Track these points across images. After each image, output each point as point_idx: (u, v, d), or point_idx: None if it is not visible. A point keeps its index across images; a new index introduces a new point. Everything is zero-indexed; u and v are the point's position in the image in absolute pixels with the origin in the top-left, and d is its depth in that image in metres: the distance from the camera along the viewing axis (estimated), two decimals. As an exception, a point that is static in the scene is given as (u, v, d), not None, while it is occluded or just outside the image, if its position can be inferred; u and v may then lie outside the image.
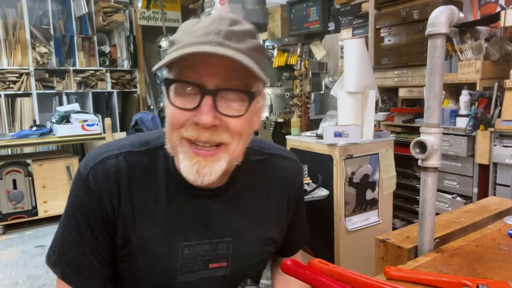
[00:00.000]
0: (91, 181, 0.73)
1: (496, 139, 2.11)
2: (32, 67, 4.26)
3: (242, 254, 0.80)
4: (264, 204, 0.83)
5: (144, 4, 5.02)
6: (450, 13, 0.87)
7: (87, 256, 0.75)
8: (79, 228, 0.74)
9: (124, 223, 0.74)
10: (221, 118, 0.66)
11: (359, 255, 2.13)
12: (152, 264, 0.75)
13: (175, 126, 0.67)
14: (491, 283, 0.74)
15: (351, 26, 3.30)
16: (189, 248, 0.76)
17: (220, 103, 0.65)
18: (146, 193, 0.75)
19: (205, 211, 0.77)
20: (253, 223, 0.82)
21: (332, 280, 0.75)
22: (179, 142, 0.68)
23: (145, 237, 0.74)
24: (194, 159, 0.67)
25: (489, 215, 1.16)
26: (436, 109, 0.90)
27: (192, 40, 0.64)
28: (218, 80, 0.64)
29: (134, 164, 0.75)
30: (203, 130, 0.65)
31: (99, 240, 0.75)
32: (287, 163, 0.88)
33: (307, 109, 2.85)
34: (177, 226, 0.76)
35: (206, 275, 0.78)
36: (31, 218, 3.64)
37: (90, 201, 0.73)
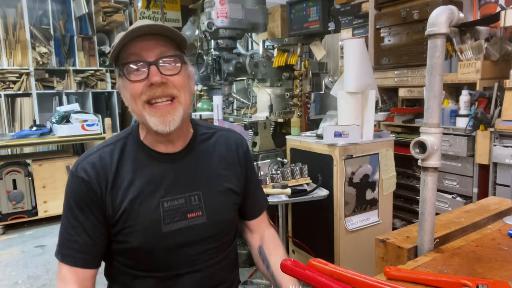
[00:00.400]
0: (79, 172, 0.94)
1: (496, 139, 2.11)
2: (32, 67, 4.26)
3: (212, 204, 1.00)
4: (220, 163, 1.05)
5: (144, 4, 5.02)
6: (450, 13, 0.87)
7: (80, 235, 0.93)
8: (73, 213, 0.94)
9: (112, 196, 0.93)
10: (166, 78, 0.90)
11: (359, 255, 2.13)
12: (140, 219, 0.93)
13: (136, 96, 0.90)
14: (491, 283, 0.74)
15: (351, 26, 3.30)
16: (167, 202, 0.95)
17: (162, 68, 0.89)
18: (126, 168, 0.96)
19: (175, 172, 0.98)
20: (215, 178, 1.02)
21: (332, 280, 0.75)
22: (142, 108, 0.90)
23: (131, 200, 0.93)
24: (157, 113, 0.90)
25: (489, 215, 1.16)
26: (436, 109, 0.90)
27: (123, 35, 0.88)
28: (155, 53, 0.89)
29: (112, 150, 0.97)
30: (155, 89, 0.89)
31: (90, 218, 0.94)
32: (231, 134, 1.12)
33: (307, 109, 2.85)
34: (154, 186, 0.95)
35: (187, 224, 0.96)
36: (31, 218, 3.64)
37: (79, 187, 0.93)
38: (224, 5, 2.63)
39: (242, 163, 1.09)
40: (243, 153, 1.10)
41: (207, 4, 2.66)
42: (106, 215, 0.94)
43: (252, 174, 1.14)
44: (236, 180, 1.06)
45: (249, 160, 1.13)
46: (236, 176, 1.07)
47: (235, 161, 1.08)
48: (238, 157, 1.08)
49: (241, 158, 1.09)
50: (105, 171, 0.94)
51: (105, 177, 0.94)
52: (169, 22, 5.32)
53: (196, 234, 0.97)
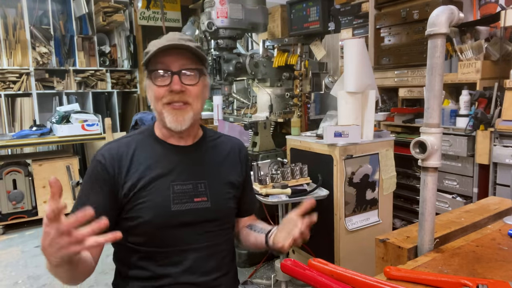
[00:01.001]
0: (98, 157, 1.09)
1: (496, 139, 2.11)
2: (32, 67, 4.26)
3: (215, 192, 1.15)
4: (224, 159, 1.22)
5: (144, 4, 5.02)
6: (450, 13, 0.87)
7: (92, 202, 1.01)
8: (85, 191, 1.08)
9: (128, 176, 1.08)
10: (185, 87, 1.07)
11: (359, 255, 2.13)
12: (153, 196, 1.07)
13: (158, 98, 1.07)
14: (491, 283, 0.74)
15: (351, 26, 3.30)
16: (177, 186, 1.11)
17: (182, 78, 1.07)
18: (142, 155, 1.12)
19: (185, 162, 1.14)
20: (219, 170, 1.19)
21: (332, 280, 0.75)
22: (162, 107, 1.08)
23: (146, 180, 1.08)
24: (173, 112, 1.07)
25: (489, 215, 1.16)
26: (436, 109, 0.90)
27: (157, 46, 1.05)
28: (179, 65, 1.07)
29: (130, 142, 1.14)
30: (174, 95, 1.06)
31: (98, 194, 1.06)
32: (233, 140, 1.31)
33: (307, 109, 2.85)
34: (168, 171, 1.11)
35: (193, 206, 1.11)
36: (31, 218, 3.64)
37: (95, 168, 1.08)
38: (224, 5, 2.63)
39: (243, 164, 1.27)
40: (244, 156, 1.28)
41: (207, 4, 2.66)
42: (118, 196, 1.07)
43: (249, 179, 1.32)
44: (237, 175, 1.23)
45: (247, 164, 1.31)
46: (237, 173, 1.23)
47: (236, 160, 1.25)
48: (239, 157, 1.26)
49: (242, 159, 1.26)
50: (120, 156, 1.09)
51: (120, 162, 1.08)
52: (169, 22, 5.32)
53: (200, 215, 1.11)
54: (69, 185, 3.75)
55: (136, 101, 5.12)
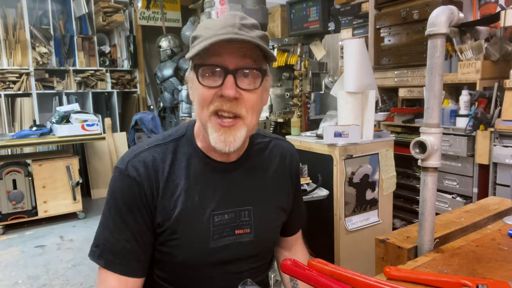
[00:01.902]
0: (130, 171, 0.86)
1: (496, 139, 2.11)
2: (32, 67, 4.26)
3: (262, 221, 0.94)
4: (274, 176, 0.99)
5: (144, 4, 5.02)
6: (450, 13, 0.87)
7: (129, 241, 0.86)
8: (121, 215, 0.86)
9: (163, 201, 0.87)
10: (240, 92, 0.80)
11: (359, 255, 2.13)
12: (190, 232, 0.87)
13: (205, 103, 0.81)
14: (491, 283, 0.74)
15: (351, 26, 3.30)
16: (218, 216, 0.89)
17: (239, 80, 0.80)
18: (178, 173, 0.88)
19: (228, 183, 0.92)
20: (268, 193, 0.97)
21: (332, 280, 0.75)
22: (208, 118, 0.82)
23: (182, 210, 0.87)
24: (220, 130, 0.82)
25: (489, 215, 1.16)
26: (436, 109, 0.90)
27: (212, 32, 0.79)
28: (236, 62, 0.79)
29: (164, 152, 0.90)
30: (225, 102, 0.80)
31: (140, 223, 0.86)
32: (285, 144, 1.07)
33: (307, 109, 2.85)
34: (207, 197, 0.89)
35: (233, 240, 0.91)
36: (31, 218, 3.64)
37: (130, 188, 0.85)
38: (224, 5, 2.63)
39: (294, 179, 1.05)
40: (295, 168, 1.05)
41: (207, 4, 2.66)
42: (154, 221, 0.87)
43: (299, 190, 1.10)
44: (287, 196, 1.02)
45: (299, 175, 1.09)
46: (287, 193, 1.02)
47: (287, 176, 1.03)
48: (290, 171, 1.03)
49: (293, 173, 1.04)
50: (157, 173, 0.87)
51: (157, 180, 0.87)
52: (169, 22, 5.32)
53: (242, 252, 0.92)
54: (69, 185, 3.75)
55: (136, 101, 5.13)
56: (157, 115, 4.33)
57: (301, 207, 1.12)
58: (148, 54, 5.52)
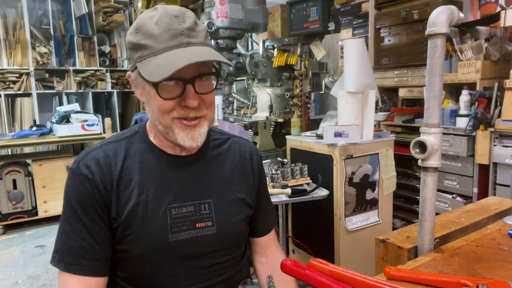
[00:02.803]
0: (81, 169, 0.86)
1: (496, 139, 2.11)
2: (32, 67, 4.26)
3: (223, 214, 0.93)
4: (233, 171, 0.98)
5: (144, 4, 5.01)
6: (450, 13, 0.87)
7: (86, 240, 0.84)
8: (76, 215, 0.85)
9: (117, 195, 0.86)
10: (201, 97, 0.84)
11: (359, 255, 2.13)
12: (146, 226, 0.86)
13: (165, 112, 0.83)
14: (491, 283, 0.74)
15: (351, 26, 3.30)
16: (175, 209, 0.88)
17: (197, 86, 0.82)
18: (132, 167, 0.88)
19: (185, 177, 0.91)
20: (227, 186, 0.96)
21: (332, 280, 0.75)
22: (171, 122, 0.84)
23: (136, 203, 0.86)
24: (187, 129, 0.85)
25: (489, 215, 1.16)
26: (436, 109, 0.90)
27: (163, 45, 0.80)
28: (192, 70, 0.81)
29: (116, 148, 0.90)
30: (189, 110, 0.83)
31: (96, 220, 0.85)
32: (244, 142, 1.06)
33: (307, 109, 2.85)
34: (162, 191, 0.88)
35: (195, 234, 0.89)
36: (31, 218, 3.64)
37: (83, 186, 0.85)
38: (224, 5, 2.63)
39: (256, 174, 1.03)
40: (257, 163, 1.04)
41: (207, 4, 2.66)
42: (110, 217, 0.86)
43: (264, 190, 1.07)
44: (249, 191, 1.00)
45: (262, 171, 1.06)
46: (249, 187, 1.00)
47: (248, 171, 1.01)
48: (251, 166, 1.02)
49: (254, 169, 1.03)
50: (109, 168, 0.86)
51: (110, 175, 0.86)
52: (169, 22, 5.32)
53: (206, 246, 0.90)
54: (69, 185, 3.75)
55: (136, 101, 5.12)
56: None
57: (270, 207, 1.10)
58: (148, 54, 5.52)
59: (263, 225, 1.07)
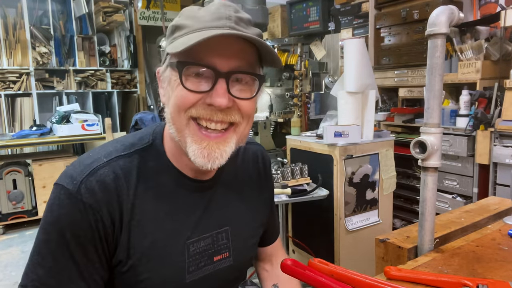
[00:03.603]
0: (84, 195, 0.66)
1: (496, 139, 2.11)
2: (32, 67, 4.26)
3: (240, 241, 0.83)
4: (250, 186, 0.87)
5: (144, 4, 5.02)
6: (450, 13, 0.87)
7: (75, 282, 0.66)
8: (66, 250, 0.66)
9: (129, 233, 0.69)
10: (233, 100, 0.66)
11: (359, 255, 2.13)
12: (161, 269, 0.72)
13: (183, 108, 0.66)
14: (491, 283, 0.74)
15: (351, 26, 3.30)
16: (193, 245, 0.75)
17: (232, 86, 0.66)
18: (146, 195, 0.71)
19: (203, 205, 0.78)
20: (246, 207, 0.85)
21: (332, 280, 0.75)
22: (186, 123, 0.67)
23: (152, 242, 0.71)
24: (204, 142, 0.67)
25: (489, 215, 1.16)
26: (436, 109, 0.90)
27: (203, 24, 0.65)
28: (230, 63, 0.65)
29: (128, 167, 0.71)
30: (215, 112, 0.66)
31: (93, 260, 0.68)
32: (254, 147, 0.93)
33: (307, 109, 2.85)
34: (180, 223, 0.74)
35: (212, 269, 0.78)
36: (31, 218, 3.64)
37: (84, 217, 0.66)
38: (224, 5, 2.62)
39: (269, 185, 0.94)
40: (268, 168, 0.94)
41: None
42: (115, 258, 0.70)
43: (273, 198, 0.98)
44: (264, 204, 0.91)
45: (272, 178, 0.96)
46: (264, 200, 0.91)
47: (263, 181, 0.91)
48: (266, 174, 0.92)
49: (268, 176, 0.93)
50: (120, 197, 0.68)
51: (120, 206, 0.68)
52: (169, 22, 5.29)
53: (221, 278, 0.80)
54: (69, 185, 3.75)
55: (136, 101, 5.12)
56: (157, 115, 4.32)
57: (275, 214, 1.02)
58: (148, 54, 5.52)
59: (270, 235, 0.99)
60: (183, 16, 0.69)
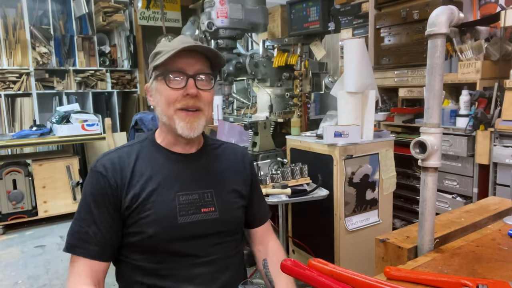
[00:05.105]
0: (98, 167, 1.03)
1: (496, 139, 2.11)
2: (32, 67, 4.26)
3: (223, 201, 1.09)
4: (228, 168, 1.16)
5: (144, 4, 5.02)
6: (450, 13, 0.87)
7: (90, 226, 1.00)
8: (87, 206, 1.01)
9: (130, 187, 1.02)
10: (199, 91, 1.03)
11: (359, 255, 2.13)
12: (157, 209, 1.01)
13: (170, 102, 1.02)
14: (491, 283, 0.74)
15: (351, 26, 3.30)
16: (183, 196, 1.04)
17: (198, 82, 1.03)
18: (144, 164, 1.06)
19: (190, 170, 1.09)
20: (225, 179, 1.14)
21: (332, 280, 0.75)
22: (174, 113, 1.03)
23: (149, 191, 1.02)
24: (186, 118, 1.03)
25: (489, 215, 1.16)
26: (436, 109, 0.90)
27: (174, 47, 1.00)
28: (195, 68, 1.03)
29: (129, 151, 1.08)
30: (189, 99, 1.02)
31: (103, 212, 1.00)
32: (236, 147, 1.26)
33: (307, 109, 2.84)
34: (171, 181, 1.05)
35: (200, 218, 1.05)
36: (31, 218, 3.64)
37: (96, 181, 1.02)
38: (224, 5, 2.62)
39: (248, 173, 1.21)
40: (249, 164, 1.23)
41: (207, 4, 2.66)
42: (121, 209, 1.01)
43: (257, 186, 1.25)
44: (243, 184, 1.17)
45: (253, 171, 1.24)
46: (243, 181, 1.18)
47: (241, 169, 1.19)
48: (244, 166, 1.20)
49: (247, 168, 1.21)
50: (122, 167, 1.03)
51: (122, 173, 1.02)
52: (169, 22, 5.32)
53: (209, 227, 1.05)
54: (69, 185, 3.75)
55: (136, 101, 5.13)
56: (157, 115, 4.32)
57: (263, 201, 1.28)
58: (148, 54, 5.51)
59: (258, 217, 1.24)
60: (159, 46, 1.07)
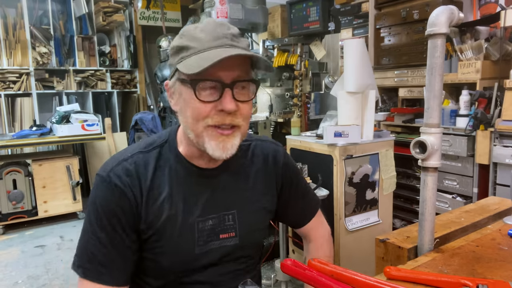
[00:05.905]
0: (113, 178, 0.86)
1: (496, 139, 2.11)
2: (32, 67, 4.26)
3: (246, 223, 0.96)
4: (256, 177, 1.00)
5: (144, 4, 5.02)
6: (450, 13, 0.87)
7: (107, 248, 0.85)
8: (100, 222, 0.85)
9: (147, 208, 0.87)
10: (238, 104, 0.82)
11: (359, 255, 2.13)
12: (174, 241, 0.88)
13: (200, 117, 0.81)
14: (491, 283, 0.74)
15: (351, 26, 3.30)
16: (202, 223, 0.91)
17: (236, 93, 0.81)
18: (162, 179, 0.89)
19: (211, 189, 0.93)
20: (251, 196, 0.98)
21: (332, 280, 0.75)
22: (204, 129, 0.82)
23: (166, 218, 0.88)
24: (220, 138, 0.83)
25: (489, 215, 1.16)
26: (436, 109, 0.90)
27: (206, 45, 0.80)
28: (231, 75, 0.81)
29: (147, 159, 0.90)
30: (225, 116, 0.81)
31: (118, 231, 0.85)
32: (267, 145, 1.05)
33: (307, 109, 2.84)
34: (191, 204, 0.90)
35: (218, 245, 0.92)
36: (31, 218, 3.64)
37: (112, 195, 0.85)
38: (224, 5, 2.63)
39: (280, 177, 1.04)
40: (282, 166, 1.05)
41: (207, 4, 2.66)
42: (138, 229, 0.88)
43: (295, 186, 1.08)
44: (271, 195, 1.02)
45: (288, 170, 1.06)
46: (272, 194, 1.03)
47: (272, 175, 1.02)
48: (276, 171, 1.03)
49: (278, 173, 1.04)
50: (139, 180, 0.87)
51: (140, 187, 0.87)
52: (169, 22, 5.32)
53: (226, 255, 0.94)
54: (69, 185, 3.75)
55: (136, 101, 5.12)
56: (157, 115, 4.33)
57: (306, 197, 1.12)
58: (148, 54, 5.52)
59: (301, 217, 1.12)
60: (185, 37, 0.84)
